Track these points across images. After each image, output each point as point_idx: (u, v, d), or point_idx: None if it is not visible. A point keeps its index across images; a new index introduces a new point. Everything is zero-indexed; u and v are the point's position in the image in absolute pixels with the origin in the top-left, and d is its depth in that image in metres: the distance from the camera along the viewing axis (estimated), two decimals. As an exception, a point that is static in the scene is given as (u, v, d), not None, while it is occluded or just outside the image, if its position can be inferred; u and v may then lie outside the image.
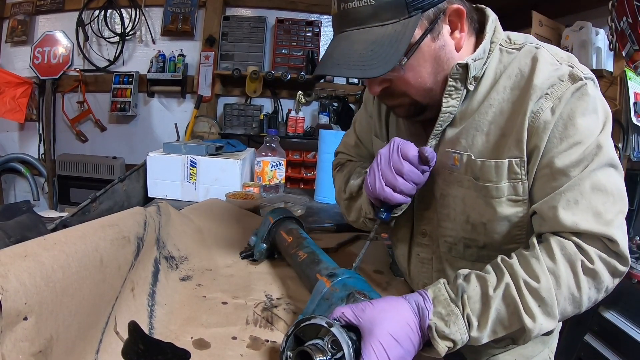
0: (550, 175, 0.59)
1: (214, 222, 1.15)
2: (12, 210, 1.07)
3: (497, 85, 0.64)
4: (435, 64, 0.62)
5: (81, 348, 0.50)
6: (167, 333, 0.64)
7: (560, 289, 0.54)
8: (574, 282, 0.55)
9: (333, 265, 0.72)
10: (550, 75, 0.59)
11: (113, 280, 0.59)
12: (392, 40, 0.56)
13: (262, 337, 0.65)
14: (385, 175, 0.67)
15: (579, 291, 0.55)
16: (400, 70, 0.60)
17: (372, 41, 0.57)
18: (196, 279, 0.84)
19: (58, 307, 0.44)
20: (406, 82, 0.63)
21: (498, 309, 0.54)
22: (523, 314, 0.53)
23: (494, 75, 0.65)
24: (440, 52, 0.62)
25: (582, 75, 0.59)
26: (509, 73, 0.63)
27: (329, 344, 0.51)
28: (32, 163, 3.36)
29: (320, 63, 0.62)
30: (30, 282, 0.41)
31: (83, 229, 0.58)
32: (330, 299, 0.61)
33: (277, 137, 1.71)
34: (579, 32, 1.77)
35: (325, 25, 3.33)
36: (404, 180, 0.66)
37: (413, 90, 0.64)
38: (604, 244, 0.56)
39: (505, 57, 0.65)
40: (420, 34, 0.59)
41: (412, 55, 0.59)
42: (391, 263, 0.97)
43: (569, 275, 0.55)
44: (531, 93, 0.59)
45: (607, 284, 0.56)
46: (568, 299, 0.55)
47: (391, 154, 0.67)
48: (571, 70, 0.59)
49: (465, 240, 0.71)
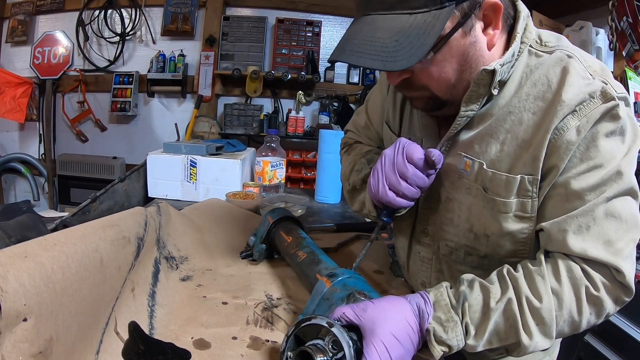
0: (564, 196, 0.57)
1: (214, 222, 1.15)
2: (12, 210, 1.07)
3: (520, 91, 0.60)
4: (463, 60, 0.57)
5: (81, 349, 0.50)
6: (167, 333, 0.64)
7: (562, 311, 0.54)
8: (575, 307, 0.54)
9: (333, 266, 0.72)
10: (580, 90, 0.55)
11: (113, 280, 0.59)
12: (419, 31, 0.51)
13: (263, 337, 0.65)
14: (389, 178, 0.65)
15: (579, 316, 0.54)
16: (425, 63, 0.56)
17: (398, 30, 0.52)
18: (196, 279, 0.84)
19: (58, 308, 0.44)
20: (429, 76, 0.58)
21: (497, 321, 0.54)
22: (521, 330, 0.53)
23: (519, 79, 0.61)
24: (469, 48, 0.56)
25: (615, 95, 0.54)
26: (534, 80, 0.59)
27: (329, 344, 0.51)
28: (33, 163, 3.37)
29: (337, 47, 0.56)
30: (30, 283, 0.41)
31: (83, 229, 0.58)
32: (330, 299, 0.61)
33: (278, 137, 1.71)
34: (579, 31, 1.77)
35: (326, 25, 3.33)
36: (408, 184, 0.64)
37: (435, 85, 0.59)
38: (610, 273, 0.55)
39: (534, 61, 0.60)
40: (451, 28, 0.53)
41: (440, 50, 0.54)
42: (391, 263, 0.97)
43: (572, 299, 0.54)
44: (558, 109, 0.55)
45: (609, 310, 0.55)
46: (567, 322, 0.54)
47: (396, 156, 0.64)
48: (604, 87, 0.55)
49: (466, 247, 0.69)
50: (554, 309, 0.53)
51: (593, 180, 0.55)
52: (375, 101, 0.87)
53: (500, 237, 0.64)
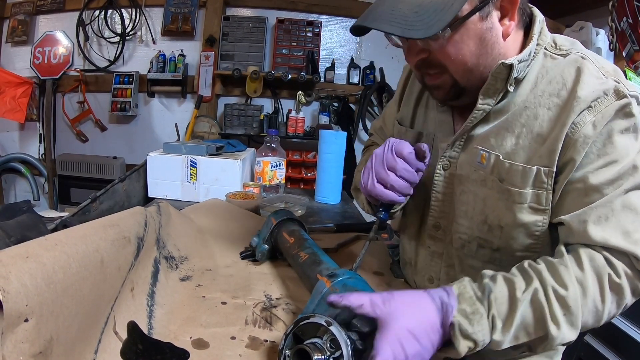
0: (583, 191, 0.59)
1: (214, 222, 1.15)
2: (12, 210, 1.07)
3: (536, 88, 0.63)
4: (480, 44, 0.60)
5: (80, 348, 0.50)
6: (166, 333, 0.64)
7: (586, 299, 0.54)
8: (599, 295, 0.54)
9: (334, 266, 0.72)
10: (595, 88, 0.58)
11: (113, 280, 0.59)
12: (437, 7, 0.55)
13: (261, 337, 0.65)
14: (378, 172, 0.68)
15: (602, 304, 0.54)
16: (442, 41, 0.58)
17: (419, 4, 0.56)
18: (196, 279, 0.84)
19: (58, 308, 0.44)
20: (446, 55, 0.61)
21: (524, 314, 0.53)
22: (549, 320, 0.52)
23: (534, 79, 0.64)
24: (486, 33, 0.60)
25: (628, 93, 0.58)
26: (549, 78, 0.62)
27: (327, 343, 0.50)
28: (33, 163, 3.37)
29: (361, 16, 0.60)
30: (32, 284, 0.41)
31: (84, 229, 0.58)
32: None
33: (278, 137, 1.71)
34: (579, 32, 1.77)
35: (326, 26, 3.33)
36: (396, 176, 0.67)
37: (453, 66, 0.62)
38: (630, 261, 0.56)
39: (549, 62, 0.64)
40: (469, 10, 0.57)
41: (457, 30, 0.58)
42: (391, 264, 0.97)
43: (596, 287, 0.54)
44: (574, 104, 0.58)
45: (628, 301, 0.56)
46: (591, 312, 0.55)
47: (385, 153, 0.68)
48: (617, 86, 0.58)
49: (479, 240, 0.70)
50: (579, 298, 0.53)
51: (610, 174, 0.57)
52: (392, 105, 0.92)
53: (514, 229, 0.65)
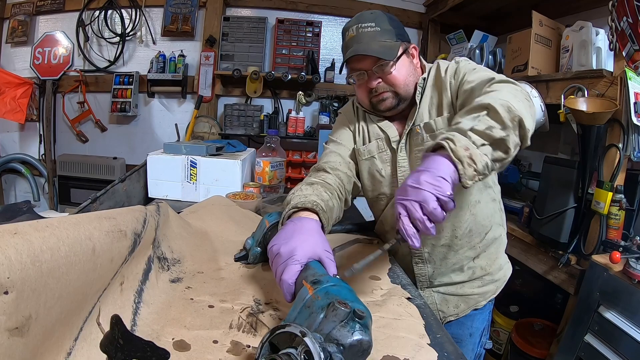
0: (469, 90, 0.94)
1: (212, 223, 1.15)
2: (12, 210, 1.07)
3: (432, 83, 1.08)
4: (410, 69, 1.05)
5: (60, 333, 0.49)
6: (149, 332, 0.63)
7: (502, 93, 0.79)
8: (512, 88, 0.82)
9: (321, 272, 0.69)
10: (445, 65, 1.06)
11: (103, 271, 0.58)
12: (390, 49, 0.99)
13: (244, 342, 0.64)
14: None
15: (515, 90, 0.81)
16: (393, 68, 1.01)
17: (382, 45, 0.99)
18: (186, 281, 0.83)
19: (42, 288, 0.43)
20: (394, 78, 1.02)
21: (475, 127, 0.73)
22: (492, 118, 0.74)
23: (432, 79, 1.09)
24: (411, 64, 1.06)
25: (455, 60, 1.06)
26: (432, 76, 1.09)
27: (301, 354, 0.49)
28: (33, 163, 3.37)
29: (350, 50, 0.99)
30: (16, 258, 0.40)
31: (78, 217, 0.57)
32: (311, 307, 0.58)
33: (278, 137, 1.72)
34: (579, 32, 1.76)
35: (326, 26, 3.33)
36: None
37: (397, 83, 1.02)
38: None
39: (433, 70, 1.10)
40: (402, 51, 1.02)
41: (399, 61, 1.01)
42: (389, 269, 0.97)
43: (505, 86, 0.83)
44: (444, 75, 1.04)
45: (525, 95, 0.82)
46: (512, 94, 0.78)
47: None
48: (451, 61, 1.06)
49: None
50: (497, 97, 0.77)
51: (471, 77, 0.96)
52: (345, 141, 1.20)
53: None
